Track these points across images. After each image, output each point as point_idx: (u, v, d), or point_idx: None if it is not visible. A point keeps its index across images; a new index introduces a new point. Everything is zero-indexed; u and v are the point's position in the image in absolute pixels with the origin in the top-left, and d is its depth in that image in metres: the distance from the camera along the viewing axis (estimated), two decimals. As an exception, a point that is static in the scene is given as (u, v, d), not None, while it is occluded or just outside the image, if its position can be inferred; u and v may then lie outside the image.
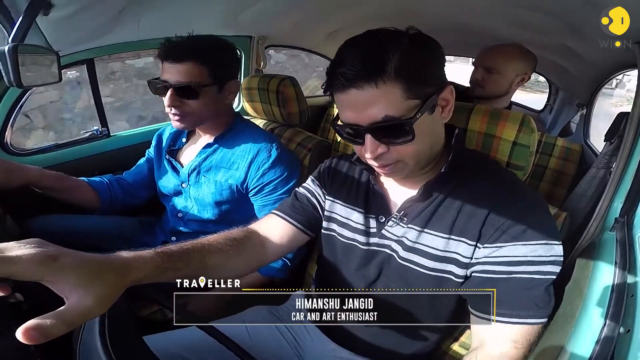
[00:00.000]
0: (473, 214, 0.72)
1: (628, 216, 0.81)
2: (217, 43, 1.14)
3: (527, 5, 1.25)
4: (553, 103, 2.41)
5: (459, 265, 0.73)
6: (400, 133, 0.66)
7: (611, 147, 1.02)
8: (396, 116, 0.64)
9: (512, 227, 0.68)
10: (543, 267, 0.66)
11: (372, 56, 0.64)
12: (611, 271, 0.68)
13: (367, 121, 0.66)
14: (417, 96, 0.65)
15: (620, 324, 0.56)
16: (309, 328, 0.98)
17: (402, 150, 0.69)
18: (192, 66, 1.08)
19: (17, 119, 1.35)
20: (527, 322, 0.66)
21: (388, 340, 0.85)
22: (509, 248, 0.68)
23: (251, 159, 1.19)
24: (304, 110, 1.43)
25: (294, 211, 0.94)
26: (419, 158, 0.72)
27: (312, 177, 0.99)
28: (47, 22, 0.99)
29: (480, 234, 0.71)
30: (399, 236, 0.80)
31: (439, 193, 0.76)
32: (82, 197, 1.27)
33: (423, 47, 0.67)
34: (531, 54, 1.55)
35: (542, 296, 0.66)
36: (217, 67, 1.12)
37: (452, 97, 0.72)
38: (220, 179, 1.22)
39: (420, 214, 0.77)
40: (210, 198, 1.24)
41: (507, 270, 0.68)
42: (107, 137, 1.60)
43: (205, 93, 1.11)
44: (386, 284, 0.82)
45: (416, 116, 0.65)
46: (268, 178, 1.19)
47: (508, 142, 0.82)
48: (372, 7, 1.61)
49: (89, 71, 1.48)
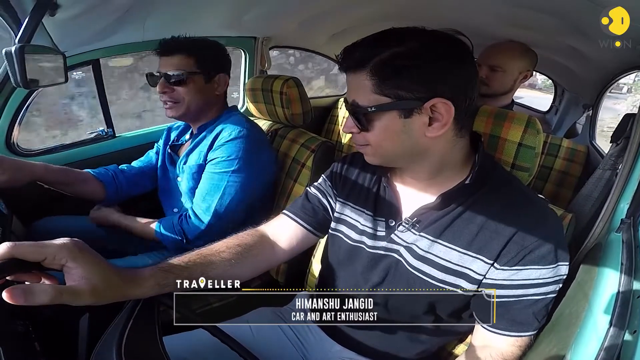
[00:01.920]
0: (496, 233, 0.70)
1: (634, 217, 0.80)
2: (204, 41, 1.27)
3: (531, 6, 1.25)
4: (559, 104, 2.39)
5: (469, 280, 0.73)
6: (359, 120, 0.71)
7: (617, 148, 1.01)
8: (360, 104, 0.70)
9: (534, 252, 0.68)
10: (549, 288, 0.69)
11: (363, 50, 0.69)
12: (617, 272, 0.68)
13: (349, 102, 0.73)
14: (385, 94, 0.67)
15: (627, 326, 0.56)
16: (313, 329, 0.97)
17: (366, 137, 0.73)
18: (181, 58, 1.19)
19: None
20: (527, 335, 0.72)
21: (392, 341, 0.85)
22: (528, 271, 0.68)
23: (216, 134, 1.22)
24: (307, 111, 1.43)
25: (305, 212, 0.95)
26: (384, 152, 0.74)
27: (325, 176, 0.99)
28: (54, 22, 1.00)
29: (500, 254, 0.70)
30: (409, 242, 0.79)
31: (458, 204, 0.75)
32: (88, 189, 1.29)
33: (426, 55, 0.65)
34: (532, 52, 1.57)
35: (541, 311, 0.71)
36: (204, 58, 1.22)
37: (448, 115, 0.67)
38: (191, 163, 1.25)
39: (434, 223, 0.76)
40: (186, 186, 1.26)
41: (521, 293, 0.70)
42: (112, 137, 1.62)
43: (192, 81, 1.20)
44: (390, 288, 0.81)
45: (369, 109, 0.68)
46: (218, 153, 1.19)
47: (513, 144, 0.82)
48: (375, 8, 1.60)
49: (95, 72, 1.48)
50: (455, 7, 1.49)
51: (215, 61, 1.26)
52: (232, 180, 1.17)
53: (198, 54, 1.20)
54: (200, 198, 1.18)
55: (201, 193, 1.18)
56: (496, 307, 0.72)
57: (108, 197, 1.33)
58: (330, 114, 2.53)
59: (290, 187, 1.35)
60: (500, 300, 0.71)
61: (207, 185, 1.18)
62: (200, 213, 1.17)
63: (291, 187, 1.34)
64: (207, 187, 1.17)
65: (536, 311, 0.70)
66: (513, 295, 0.70)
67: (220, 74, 1.26)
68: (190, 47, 1.20)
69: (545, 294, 0.69)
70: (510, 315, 0.71)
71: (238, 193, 1.18)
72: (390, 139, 0.71)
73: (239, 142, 1.18)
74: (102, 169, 1.35)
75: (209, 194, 1.17)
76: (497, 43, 1.60)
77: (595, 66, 1.63)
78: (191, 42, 1.21)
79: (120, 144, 1.63)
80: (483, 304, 0.73)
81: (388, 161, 0.77)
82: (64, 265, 0.56)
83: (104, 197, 1.32)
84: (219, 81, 1.26)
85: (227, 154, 1.17)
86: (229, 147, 1.18)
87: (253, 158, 1.21)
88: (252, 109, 1.60)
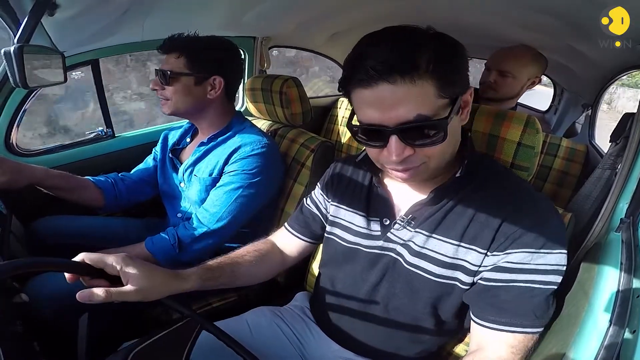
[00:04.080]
0: (486, 222, 0.70)
1: (634, 217, 0.81)
2: (203, 41, 1.21)
3: (532, 7, 1.25)
4: (558, 104, 2.39)
5: (466, 272, 0.72)
6: (432, 134, 0.63)
7: (617, 147, 1.01)
8: (429, 115, 0.60)
9: (524, 236, 0.67)
10: (544, 277, 0.66)
11: (406, 50, 0.59)
12: (617, 272, 0.68)
13: (394, 121, 0.61)
14: (447, 96, 0.62)
15: (626, 325, 0.56)
16: (312, 329, 0.98)
17: (428, 152, 0.66)
18: (172, 57, 1.18)
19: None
20: (524, 332, 0.66)
21: (391, 341, 0.85)
22: (516, 255, 0.67)
23: (234, 149, 1.20)
24: (307, 110, 1.43)
25: (300, 225, 1.02)
26: (443, 160, 0.70)
27: (319, 184, 1.01)
28: (52, 22, 1.00)
29: (492, 242, 0.70)
30: (405, 240, 0.79)
31: (450, 199, 0.75)
32: (88, 196, 1.29)
33: (451, 47, 0.64)
34: (543, 57, 1.54)
35: (541, 305, 0.66)
36: (196, 59, 1.18)
37: (471, 99, 0.70)
38: (204, 175, 1.23)
39: (428, 219, 0.76)
40: (196, 196, 1.24)
41: (509, 278, 0.67)
42: (112, 137, 1.61)
43: (178, 81, 1.18)
44: (389, 287, 0.81)
45: (451, 117, 0.62)
46: (238, 166, 1.18)
47: (512, 143, 0.82)
48: (376, 8, 1.61)
49: (94, 72, 1.48)
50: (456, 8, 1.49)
51: (211, 63, 1.20)
52: (245, 192, 1.16)
53: (190, 54, 1.17)
54: (210, 204, 1.17)
55: (212, 201, 1.17)
56: (486, 292, 0.70)
57: (107, 204, 1.33)
58: (330, 113, 2.53)
59: (290, 187, 1.35)
60: (489, 284, 0.69)
61: (220, 194, 1.17)
62: (205, 218, 1.16)
63: (291, 187, 1.34)
64: (219, 196, 1.17)
65: (534, 305, 0.66)
66: (502, 279, 0.68)
67: (216, 77, 1.21)
68: (182, 47, 1.18)
69: (537, 283, 0.66)
70: (500, 302, 0.68)
71: (248, 205, 1.18)
72: (453, 141, 0.69)
73: (260, 158, 1.18)
74: (102, 176, 1.35)
75: (220, 203, 1.16)
76: (509, 47, 1.58)
77: (595, 66, 1.62)
78: (185, 42, 1.19)
79: (120, 144, 1.62)
80: (474, 292, 0.72)
81: (437, 172, 0.72)
82: (119, 271, 0.69)
83: (103, 205, 1.33)
84: (214, 84, 1.22)
85: (248, 168, 1.17)
86: (250, 162, 1.17)
87: (270, 173, 1.22)
88: (251, 108, 1.60)
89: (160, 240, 1.15)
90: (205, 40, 1.22)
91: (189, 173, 1.27)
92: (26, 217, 1.24)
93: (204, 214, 1.17)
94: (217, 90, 1.22)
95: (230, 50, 1.26)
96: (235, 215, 1.17)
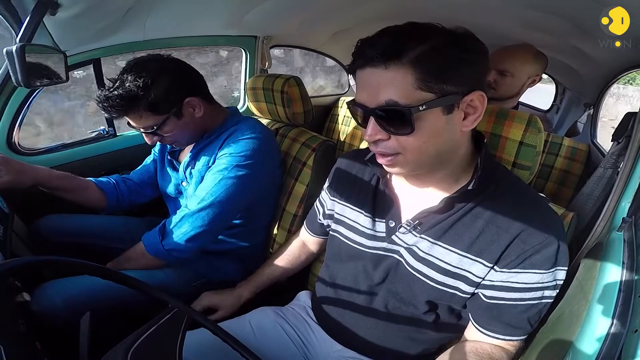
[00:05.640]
0: (497, 236, 0.70)
1: (636, 216, 0.80)
2: (144, 87, 1.06)
3: (535, 6, 1.24)
4: (560, 103, 2.38)
5: (468, 283, 0.73)
6: (400, 122, 0.63)
7: (618, 147, 1.01)
8: (400, 103, 0.62)
9: (535, 255, 0.67)
10: (546, 293, 0.69)
11: (395, 41, 0.62)
12: (618, 271, 0.68)
13: (373, 103, 0.64)
14: (430, 90, 0.61)
15: (628, 325, 0.56)
16: (315, 329, 0.98)
17: (402, 142, 0.66)
18: (138, 116, 1.10)
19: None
20: (520, 339, 0.74)
21: (393, 341, 0.85)
22: (526, 275, 0.68)
23: (227, 135, 1.18)
24: (308, 110, 1.43)
25: (312, 224, 1.11)
26: (421, 157, 0.68)
27: (326, 183, 1.02)
28: (54, 22, 1.00)
29: (500, 258, 0.69)
30: (409, 244, 0.78)
31: (460, 208, 0.74)
32: (90, 197, 1.29)
33: (459, 46, 0.63)
34: (543, 56, 1.53)
35: (534, 316, 0.71)
36: (156, 106, 1.09)
37: (482, 106, 0.67)
38: (201, 167, 1.21)
39: (435, 226, 0.75)
40: (193, 190, 1.22)
41: (518, 297, 0.69)
42: (113, 136, 1.62)
43: (166, 125, 1.13)
44: (391, 287, 0.82)
45: (419, 107, 0.61)
46: (227, 149, 1.15)
47: (514, 142, 0.82)
48: (377, 7, 1.60)
49: (96, 71, 1.48)
50: (459, 7, 1.48)
51: (170, 96, 1.11)
52: (231, 174, 1.11)
53: (150, 106, 1.08)
54: (197, 189, 1.15)
55: (199, 186, 1.15)
56: (491, 309, 0.72)
57: (109, 206, 1.33)
58: (331, 112, 2.53)
59: (292, 186, 1.35)
60: (496, 302, 0.71)
61: (207, 177, 1.14)
62: (189, 203, 1.13)
63: (292, 186, 1.34)
64: (206, 179, 1.14)
65: (530, 316, 0.70)
66: (510, 298, 0.70)
67: (184, 101, 1.13)
68: (135, 106, 1.07)
69: (540, 299, 0.69)
70: (505, 318, 0.71)
71: (235, 189, 1.12)
72: (434, 140, 0.66)
73: (251, 142, 1.14)
74: (104, 178, 1.35)
75: (204, 185, 1.13)
76: (508, 46, 1.56)
77: (597, 65, 1.62)
78: (132, 101, 1.06)
79: (121, 143, 1.63)
80: (478, 304, 0.74)
81: (417, 168, 0.71)
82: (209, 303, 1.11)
83: (105, 206, 1.33)
84: (192, 105, 1.15)
85: (237, 150, 1.13)
86: (240, 145, 1.14)
87: (261, 159, 1.17)
88: (252, 108, 1.60)
89: (151, 232, 1.14)
90: (144, 84, 1.06)
91: (189, 171, 1.27)
92: (28, 216, 1.25)
93: (192, 201, 1.13)
94: (199, 107, 1.17)
95: (170, 72, 1.12)
96: (218, 198, 1.11)
